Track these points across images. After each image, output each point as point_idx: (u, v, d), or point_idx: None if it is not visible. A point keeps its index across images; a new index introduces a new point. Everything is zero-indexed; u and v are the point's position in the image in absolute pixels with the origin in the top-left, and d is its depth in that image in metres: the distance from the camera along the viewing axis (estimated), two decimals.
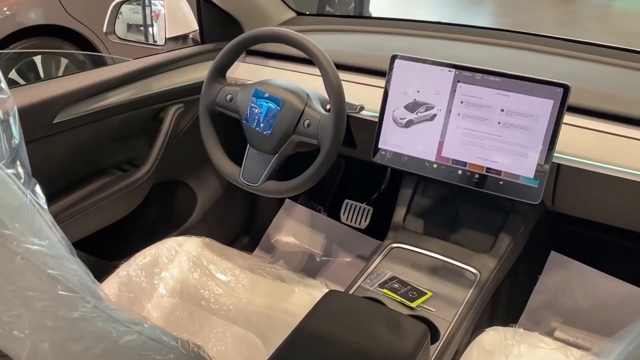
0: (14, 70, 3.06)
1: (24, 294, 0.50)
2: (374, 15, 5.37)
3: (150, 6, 1.84)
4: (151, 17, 1.84)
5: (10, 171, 0.51)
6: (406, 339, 0.89)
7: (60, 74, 3.26)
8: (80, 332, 0.55)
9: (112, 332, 0.57)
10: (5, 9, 3.02)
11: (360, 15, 4.82)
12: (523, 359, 1.03)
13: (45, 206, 0.55)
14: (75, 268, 0.55)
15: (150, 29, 1.83)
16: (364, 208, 1.67)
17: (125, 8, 1.75)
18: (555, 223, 1.65)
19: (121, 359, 0.60)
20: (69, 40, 3.27)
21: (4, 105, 0.55)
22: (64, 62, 3.30)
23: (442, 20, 1.69)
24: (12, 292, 0.49)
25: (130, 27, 1.87)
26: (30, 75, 3.13)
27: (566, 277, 1.60)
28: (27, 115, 1.17)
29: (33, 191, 0.55)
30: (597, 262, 1.59)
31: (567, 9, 6.65)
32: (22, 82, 3.01)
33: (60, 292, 0.52)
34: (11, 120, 0.55)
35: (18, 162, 0.55)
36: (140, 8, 1.87)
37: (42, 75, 3.17)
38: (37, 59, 3.16)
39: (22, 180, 0.54)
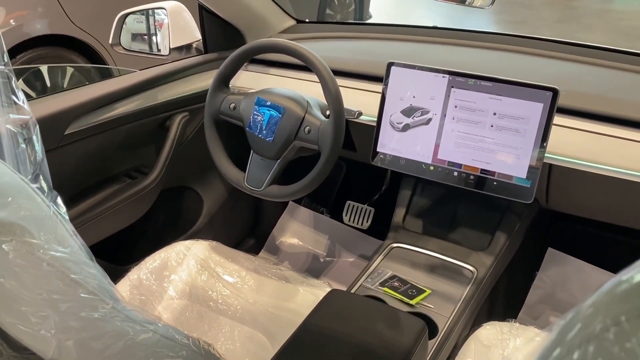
0: (21, 79, 3.12)
1: (50, 297, 0.55)
2: (374, 15, 5.41)
3: (154, 16, 1.88)
4: (155, 26, 1.88)
5: (35, 185, 0.56)
6: (405, 334, 0.94)
7: (66, 82, 3.31)
8: (101, 331, 0.59)
9: (129, 331, 0.62)
10: (11, 20, 3.08)
11: (358, 22, 4.88)
12: (519, 352, 1.06)
13: (67, 216, 0.60)
14: (94, 272, 0.60)
15: (154, 37, 1.88)
16: (366, 209, 1.70)
17: (129, 18, 1.79)
18: (551, 220, 1.68)
19: (137, 356, 0.64)
20: (75, 50, 3.32)
21: (27, 124, 0.60)
22: (70, 70, 3.36)
23: (442, 21, 1.72)
24: (39, 295, 0.54)
25: (134, 37, 1.91)
26: (37, 84, 3.19)
27: (563, 273, 1.63)
28: (41, 127, 1.22)
29: (55, 203, 0.60)
30: (593, 258, 1.62)
31: (567, 4, 6.66)
32: (29, 90, 3.07)
33: (82, 294, 0.57)
34: (34, 138, 0.60)
35: (41, 177, 0.60)
36: (144, 18, 1.91)
37: (48, 84, 3.23)
38: (44, 68, 3.22)
39: (45, 194, 0.59)
